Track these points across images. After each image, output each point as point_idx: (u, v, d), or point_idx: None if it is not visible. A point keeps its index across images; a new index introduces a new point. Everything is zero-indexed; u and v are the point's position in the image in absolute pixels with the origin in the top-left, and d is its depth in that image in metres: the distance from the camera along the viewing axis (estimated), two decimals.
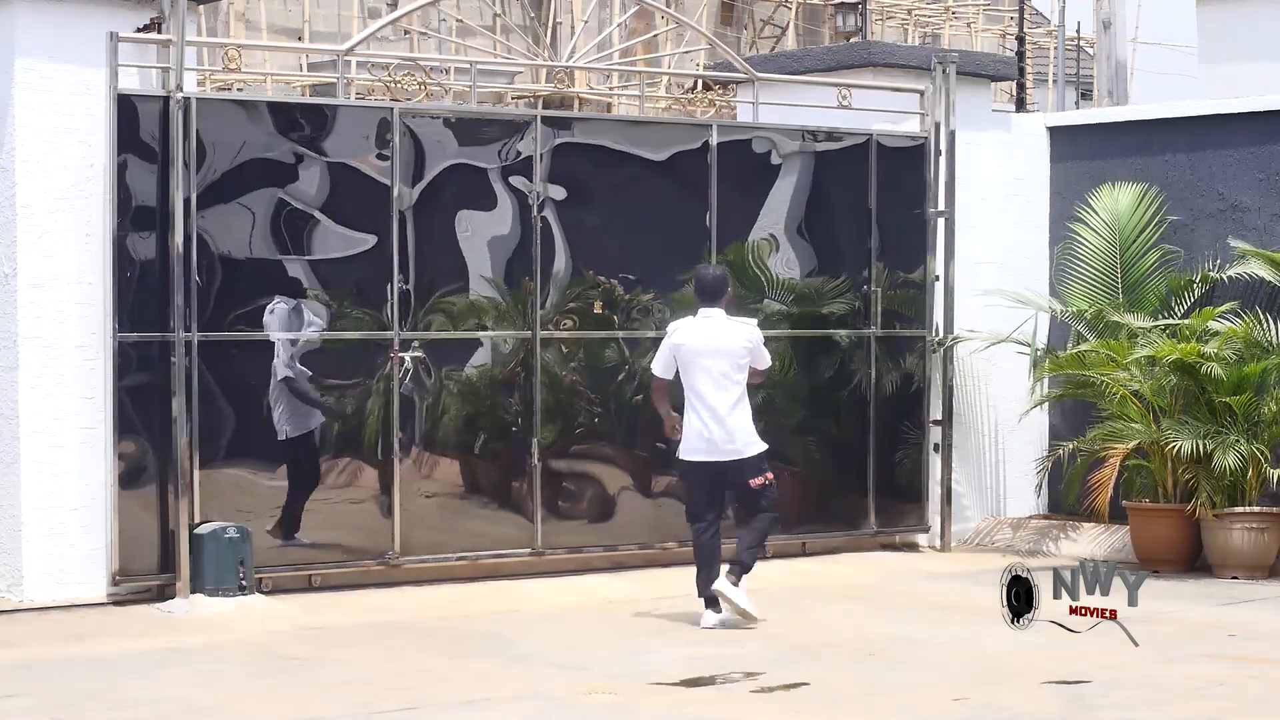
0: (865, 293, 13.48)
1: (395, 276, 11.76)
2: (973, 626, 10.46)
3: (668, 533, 12.59)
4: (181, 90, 11.16)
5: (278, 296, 11.60)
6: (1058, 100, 31.66)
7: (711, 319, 10.78)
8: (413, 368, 11.84)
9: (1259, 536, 12.45)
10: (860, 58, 14.13)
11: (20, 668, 9.38)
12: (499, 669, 9.46)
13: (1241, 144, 13.61)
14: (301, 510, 11.68)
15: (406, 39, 26.71)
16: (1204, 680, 9.10)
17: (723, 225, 12.94)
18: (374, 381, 11.77)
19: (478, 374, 12.27)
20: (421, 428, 12.00)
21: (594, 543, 12.59)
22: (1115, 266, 13.69)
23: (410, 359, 11.81)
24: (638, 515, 12.74)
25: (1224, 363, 12.55)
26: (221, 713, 8.48)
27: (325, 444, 11.75)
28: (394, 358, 11.75)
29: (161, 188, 11.10)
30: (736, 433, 10.66)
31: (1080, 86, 35.39)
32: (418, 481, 11.96)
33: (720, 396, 10.65)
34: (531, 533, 12.26)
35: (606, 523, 12.70)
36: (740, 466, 10.67)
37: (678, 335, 10.82)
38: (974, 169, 14.08)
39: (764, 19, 33.83)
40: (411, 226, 11.86)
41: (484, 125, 12.40)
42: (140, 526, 11.07)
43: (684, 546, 12.35)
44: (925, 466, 13.81)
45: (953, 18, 35.52)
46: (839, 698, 8.77)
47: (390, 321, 11.76)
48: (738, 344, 10.73)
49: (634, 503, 12.76)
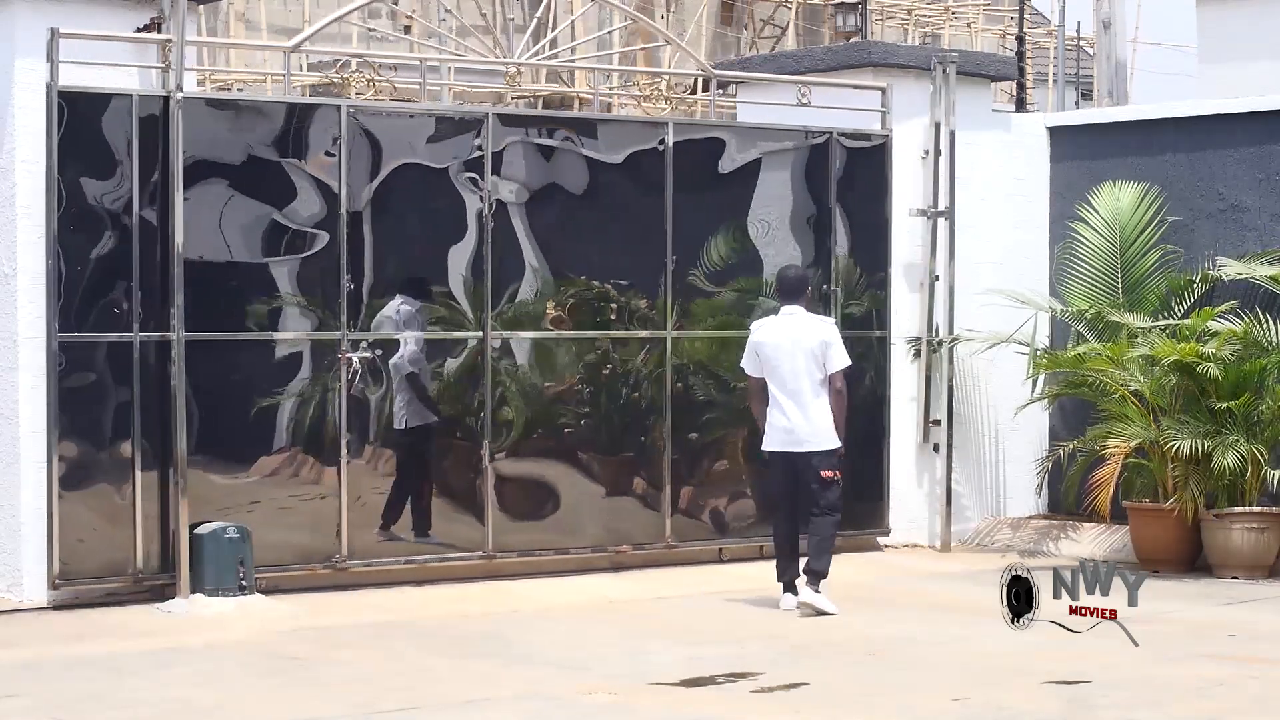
0: (826, 292, 13.31)
1: (344, 276, 11.60)
2: (973, 626, 10.46)
3: (624, 536, 12.57)
4: (181, 90, 11.16)
5: (400, 296, 11.79)
6: (1058, 100, 31.63)
7: (792, 315, 11.21)
8: (361, 368, 11.67)
9: (1259, 536, 12.45)
10: (860, 58, 14.12)
11: (20, 668, 9.38)
12: (499, 669, 9.46)
13: (1241, 144, 13.61)
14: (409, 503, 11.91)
15: (406, 39, 26.69)
16: (1204, 680, 9.10)
17: (680, 225, 12.76)
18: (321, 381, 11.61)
19: (430, 375, 12.08)
20: (372, 428, 11.85)
21: (547, 545, 12.39)
22: (1115, 266, 13.69)
23: (359, 359, 11.65)
24: (593, 517, 12.57)
25: (1222, 363, 12.55)
26: (221, 713, 8.48)
27: (278, 444, 11.56)
28: (342, 358, 11.60)
29: (109, 186, 11.00)
30: (815, 424, 11.04)
31: (1080, 86, 35.36)
32: (367, 483, 11.79)
33: (802, 389, 11.05)
34: (483, 535, 12.08)
35: (560, 525, 12.51)
36: (814, 458, 11.03)
37: (759, 333, 11.31)
38: (974, 169, 14.08)
39: (764, 19, 33.80)
40: (361, 226, 11.70)
41: (436, 123, 12.21)
42: (84, 529, 10.95)
43: (639, 550, 12.61)
44: (886, 468, 13.65)
45: (953, 18, 35.49)
46: (839, 698, 8.77)
47: (338, 321, 11.59)
48: (815, 340, 11.07)
49: (589, 505, 12.58)
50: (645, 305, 12.75)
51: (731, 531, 13.06)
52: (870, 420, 13.53)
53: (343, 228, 11.60)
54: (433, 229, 12.16)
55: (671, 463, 12.77)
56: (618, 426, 12.70)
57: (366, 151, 11.81)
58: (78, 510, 10.96)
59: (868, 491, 13.54)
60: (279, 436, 11.59)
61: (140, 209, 11.07)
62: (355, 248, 11.69)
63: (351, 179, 11.67)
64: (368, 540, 11.73)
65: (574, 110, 13.14)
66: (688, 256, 12.86)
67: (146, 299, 11.09)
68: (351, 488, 11.67)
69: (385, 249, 11.90)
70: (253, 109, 11.90)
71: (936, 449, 13.89)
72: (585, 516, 12.57)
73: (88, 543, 10.97)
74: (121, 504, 11.04)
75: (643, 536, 12.71)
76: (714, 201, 13.12)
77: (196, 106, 11.36)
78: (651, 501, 12.79)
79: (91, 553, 10.98)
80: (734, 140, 13.22)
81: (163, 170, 11.12)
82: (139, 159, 11.06)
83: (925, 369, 13.90)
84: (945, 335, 13.84)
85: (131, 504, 11.04)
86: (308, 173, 11.63)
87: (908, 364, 13.91)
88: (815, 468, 11.06)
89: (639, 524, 12.73)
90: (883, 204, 13.65)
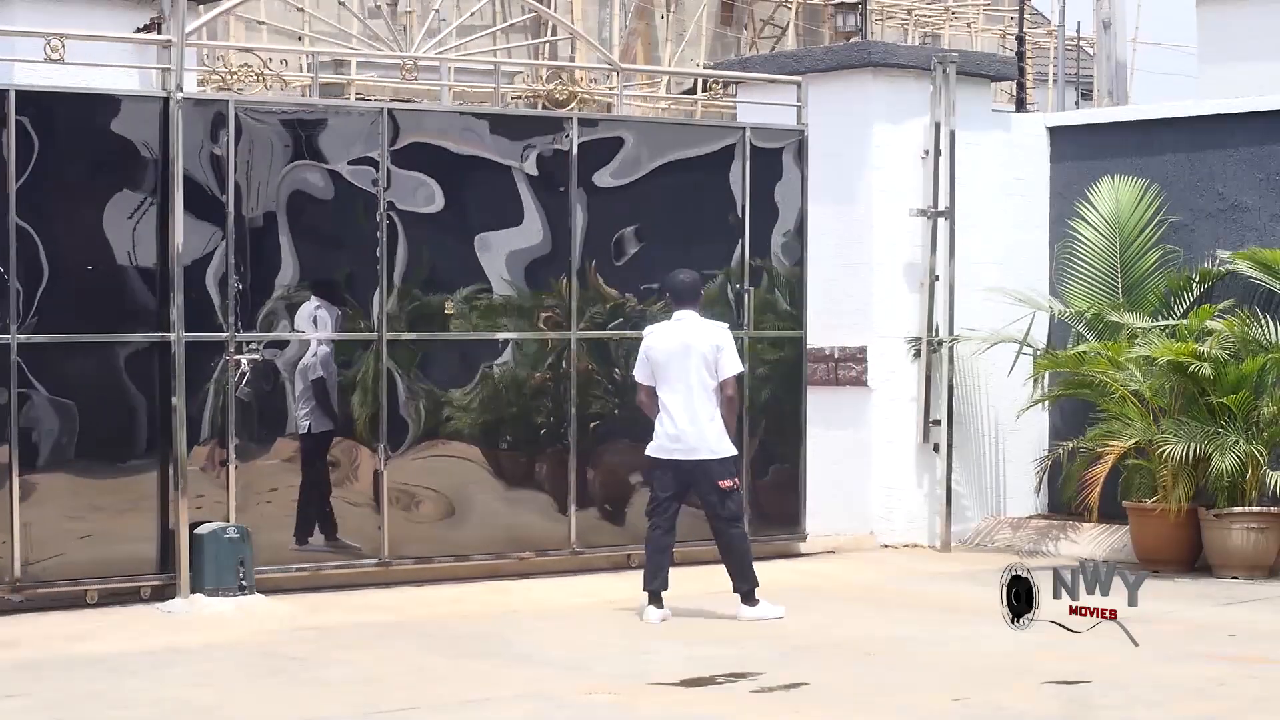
0: (737, 292, 13.00)
1: (232, 278, 11.31)
2: (973, 626, 10.46)
3: (527, 542, 12.32)
4: (181, 90, 11.14)
5: (314, 297, 11.57)
6: (1058, 100, 31.63)
7: (683, 320, 10.90)
8: (249, 371, 11.37)
9: (1259, 536, 12.45)
10: (860, 58, 14.12)
11: (20, 668, 9.38)
12: (499, 669, 9.45)
13: (1241, 144, 13.61)
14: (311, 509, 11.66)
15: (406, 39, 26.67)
16: (1204, 680, 9.10)
17: (586, 223, 12.46)
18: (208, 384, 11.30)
19: (334, 378, 11.77)
20: (260, 432, 11.52)
21: (446, 552, 12.07)
22: (1115, 266, 13.70)
23: (247, 362, 11.36)
24: (491, 523, 12.25)
25: (1218, 362, 12.55)
26: (221, 713, 8.48)
27: (163, 447, 11.15)
28: (230, 360, 11.31)
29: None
30: (707, 432, 10.74)
31: (1080, 86, 35.35)
32: (258, 489, 11.50)
33: (693, 395, 10.74)
34: (379, 542, 11.82)
35: (460, 531, 12.19)
36: (709, 467, 10.74)
37: (650, 339, 10.99)
38: (974, 169, 14.09)
39: (764, 19, 33.82)
40: (251, 224, 11.38)
41: (333, 119, 11.86)
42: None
43: (543, 556, 12.33)
44: (802, 471, 13.31)
45: (953, 18, 35.50)
46: (839, 698, 8.77)
47: (225, 323, 11.29)
48: (706, 344, 10.77)
49: (490, 510, 12.27)
50: (549, 306, 12.41)
51: (641, 537, 12.47)
52: (786, 424, 13.26)
53: (231, 228, 11.28)
54: (329, 229, 11.82)
55: (577, 467, 12.44)
56: (521, 430, 12.39)
57: (256, 149, 11.44)
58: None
59: (785, 496, 13.27)
60: (164, 439, 11.14)
61: (16, 211, 10.67)
62: (243, 248, 11.31)
63: (241, 178, 11.31)
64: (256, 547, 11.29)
65: (491, 107, 12.56)
66: (594, 256, 12.53)
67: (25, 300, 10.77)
68: (241, 493, 11.34)
69: (276, 250, 11.52)
70: (134, 102, 11.27)
71: (936, 449, 13.90)
72: (486, 522, 12.24)
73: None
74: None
75: (547, 543, 12.40)
76: (622, 199, 12.73)
77: (83, 101, 10.99)
78: (556, 507, 12.44)
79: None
80: (643, 136, 12.92)
81: (163, 170, 11.10)
82: (15, 158, 10.68)
83: (925, 369, 13.90)
84: (945, 335, 13.84)
85: (8, 508, 10.70)
86: (198, 170, 11.22)
87: (908, 364, 13.92)
88: (711, 477, 10.73)
89: (543, 530, 12.41)
90: (799, 201, 13.31)
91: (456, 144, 12.21)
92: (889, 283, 13.94)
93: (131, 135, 11.11)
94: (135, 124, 11.11)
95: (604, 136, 12.72)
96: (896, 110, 13.93)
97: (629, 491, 12.69)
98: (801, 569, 12.89)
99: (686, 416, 10.75)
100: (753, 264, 13.10)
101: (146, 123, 11.10)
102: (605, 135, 12.74)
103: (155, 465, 11.16)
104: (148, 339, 11.13)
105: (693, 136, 13.34)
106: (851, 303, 13.97)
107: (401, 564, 11.89)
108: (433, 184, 12.07)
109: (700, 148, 13.17)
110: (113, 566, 11.04)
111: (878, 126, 13.89)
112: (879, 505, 13.90)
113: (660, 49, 31.19)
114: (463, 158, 12.21)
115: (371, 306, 11.79)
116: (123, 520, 11.11)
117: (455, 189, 12.18)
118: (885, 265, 13.94)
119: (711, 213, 13.08)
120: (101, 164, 11.10)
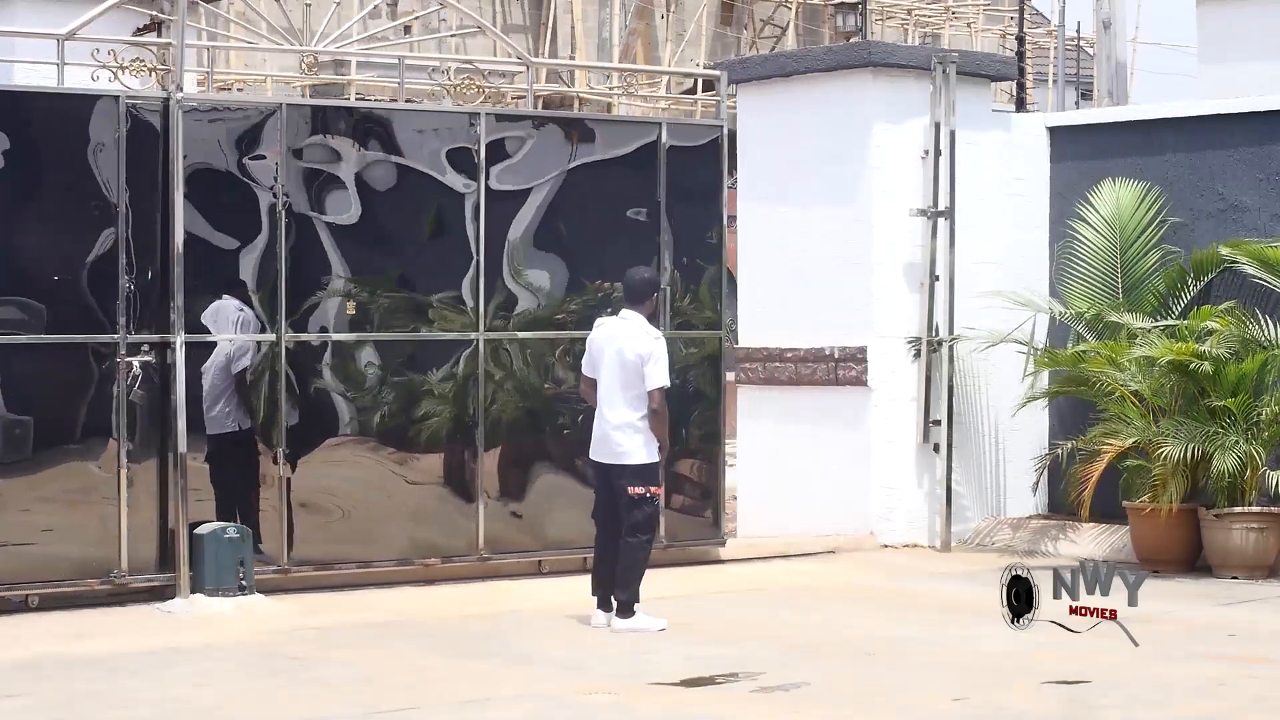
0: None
1: (123, 278, 11.02)
2: (973, 626, 10.46)
3: (433, 548, 12.01)
4: (181, 90, 11.14)
5: (225, 296, 11.37)
6: (1058, 100, 31.64)
7: (626, 321, 10.64)
8: (142, 373, 11.10)
9: (1259, 536, 12.45)
10: (860, 58, 14.11)
11: (20, 668, 9.38)
12: (498, 669, 9.45)
13: (1241, 144, 13.61)
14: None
15: (407, 40, 26.69)
16: (1204, 680, 9.10)
17: (494, 222, 12.14)
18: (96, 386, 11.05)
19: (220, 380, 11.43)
20: (154, 435, 11.19)
21: (348, 557, 11.76)
22: (1115, 266, 13.70)
23: (139, 364, 11.09)
24: (399, 528, 11.95)
25: (1217, 361, 12.55)
26: (221, 713, 8.48)
27: (46, 452, 10.97)
28: (121, 362, 11.02)
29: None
30: (620, 437, 10.48)
31: (1080, 86, 35.37)
32: (149, 493, 11.15)
33: (615, 397, 10.52)
34: (279, 548, 11.53)
35: (363, 536, 11.85)
36: (623, 471, 10.50)
37: (594, 332, 10.80)
38: (974, 169, 14.08)
39: (764, 19, 33.84)
40: (145, 224, 11.07)
41: (225, 116, 11.52)
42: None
43: (448, 563, 11.98)
44: (721, 473, 13.03)
45: (953, 18, 35.53)
46: (839, 698, 8.77)
47: (117, 325, 11.02)
48: (633, 352, 10.49)
49: (395, 515, 11.96)
50: (455, 306, 12.10)
51: (553, 544, 12.41)
52: (704, 426, 12.98)
53: (122, 226, 10.99)
54: (227, 228, 11.46)
55: (484, 471, 12.11)
56: (427, 432, 12.04)
57: (149, 146, 11.13)
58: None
59: (704, 501, 13.03)
60: (52, 443, 11.00)
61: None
62: (129, 248, 11.02)
63: (132, 176, 11.01)
64: (147, 555, 11.15)
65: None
66: (502, 255, 12.20)
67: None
68: (134, 498, 11.04)
69: (167, 248, 11.17)
70: (31, 97, 11.15)
71: (936, 449, 13.89)
72: (391, 527, 11.92)
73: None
74: None
75: (454, 549, 12.08)
76: (533, 197, 12.38)
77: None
78: (463, 512, 12.11)
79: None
80: (557, 133, 12.60)
81: (163, 170, 11.11)
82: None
83: (925, 369, 13.90)
84: (945, 335, 13.84)
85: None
86: (92, 168, 11.00)
87: (908, 364, 13.92)
88: (622, 482, 10.46)
89: (450, 535, 12.09)
90: (717, 200, 13.01)
91: (362, 141, 11.86)
92: (889, 283, 13.94)
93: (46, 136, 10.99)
94: (51, 123, 10.98)
95: (515, 134, 12.40)
96: (896, 110, 13.93)
97: (538, 496, 12.40)
98: (801, 569, 12.89)
99: (605, 418, 10.54)
100: (670, 263, 12.78)
101: (67, 121, 10.96)
102: (516, 132, 12.43)
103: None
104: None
105: (611, 133, 12.98)
106: (851, 303, 13.96)
107: (300, 570, 11.60)
108: (335, 183, 11.76)
109: (618, 144, 12.80)
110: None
111: (878, 126, 13.88)
112: (879, 505, 13.90)
113: (660, 49, 31.20)
114: (365, 155, 11.86)
115: (271, 308, 11.48)
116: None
117: (360, 187, 11.82)
118: (885, 265, 13.94)
119: (629, 210, 12.73)
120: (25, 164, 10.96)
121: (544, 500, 12.44)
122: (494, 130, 12.25)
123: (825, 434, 13.94)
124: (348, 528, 11.85)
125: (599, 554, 10.70)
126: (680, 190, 12.85)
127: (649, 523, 10.59)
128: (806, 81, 14.23)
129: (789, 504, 14.14)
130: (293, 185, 11.58)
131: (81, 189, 11.02)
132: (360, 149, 11.85)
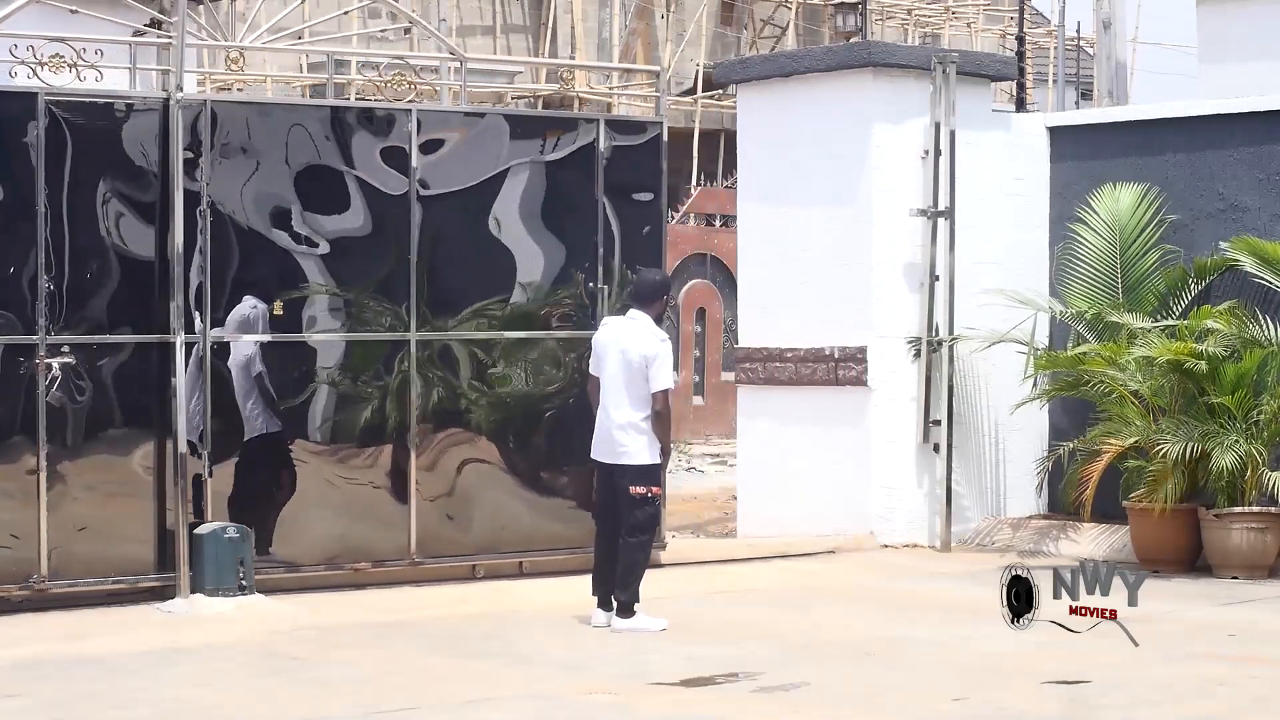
0: (593, 290, 12.46)
1: (42, 278, 10.81)
2: (973, 626, 10.46)
3: (363, 551, 11.77)
4: (182, 90, 11.13)
5: (248, 297, 11.35)
6: (1058, 100, 31.64)
7: (633, 321, 10.65)
8: (61, 375, 10.88)
9: (1259, 536, 12.45)
10: (860, 58, 14.12)
11: (20, 668, 9.38)
12: (499, 669, 9.46)
13: (1241, 144, 13.61)
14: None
15: (407, 39, 26.71)
16: (1204, 680, 9.11)
17: (427, 220, 11.93)
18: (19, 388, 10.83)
19: (138, 382, 11.18)
20: (71, 439, 10.94)
21: (274, 561, 11.47)
22: (1115, 267, 13.70)
23: (59, 365, 10.87)
24: (326, 531, 11.70)
25: (1215, 359, 12.55)
26: (221, 713, 8.49)
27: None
28: (39, 364, 10.81)
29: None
30: (622, 437, 10.49)
31: (1080, 86, 35.38)
32: (70, 498, 10.95)
33: (617, 397, 10.52)
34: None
35: (289, 540, 11.58)
36: (622, 471, 10.52)
37: (599, 332, 10.87)
38: (974, 169, 14.09)
39: (764, 19, 33.86)
40: (64, 221, 10.87)
41: (141, 112, 11.18)
42: None
43: (379, 567, 11.80)
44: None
45: (953, 18, 35.55)
46: (839, 698, 8.77)
47: (35, 325, 10.80)
48: (637, 352, 10.50)
49: (323, 517, 11.72)
50: (387, 305, 11.88)
51: (486, 548, 12.23)
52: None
53: (41, 225, 10.79)
54: (143, 225, 11.20)
55: (417, 473, 11.87)
56: (358, 433, 11.81)
57: (64, 144, 10.91)
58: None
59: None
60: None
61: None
62: (51, 246, 10.83)
63: (51, 173, 10.82)
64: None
65: (329, 100, 12.12)
66: (435, 253, 12.00)
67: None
68: (53, 502, 10.82)
69: (86, 246, 10.99)
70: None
71: (936, 449, 13.89)
72: (319, 530, 11.68)
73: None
74: None
75: (384, 552, 11.84)
76: (466, 194, 12.19)
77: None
78: (394, 514, 11.85)
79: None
80: (490, 129, 12.36)
81: (163, 171, 11.11)
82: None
83: (925, 369, 13.91)
84: (945, 335, 13.84)
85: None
86: (7, 165, 10.82)
87: (908, 364, 13.92)
88: (625, 485, 10.47)
89: (380, 538, 11.86)
90: (657, 196, 12.81)
91: (291, 139, 11.65)
92: (889, 283, 13.94)
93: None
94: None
95: (449, 132, 12.21)
96: (896, 110, 13.93)
97: (471, 498, 12.19)
98: (801, 569, 12.89)
99: (607, 418, 10.56)
100: (609, 261, 12.56)
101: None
102: (450, 130, 12.24)
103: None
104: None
105: (550, 129, 12.74)
106: (851, 303, 13.97)
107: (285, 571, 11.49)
108: (256, 181, 11.51)
109: (557, 140, 12.57)
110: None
111: (878, 126, 13.88)
112: (879, 505, 13.90)
113: (660, 49, 31.22)
114: (290, 151, 11.63)
115: (194, 307, 11.23)
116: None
117: (281, 185, 11.59)
118: (885, 265, 13.94)
119: (567, 208, 12.53)
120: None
121: (481, 503, 12.19)
122: (426, 128, 12.01)
123: (825, 434, 13.95)
124: (276, 531, 11.57)
125: (600, 553, 10.71)
126: (619, 187, 12.67)
127: (650, 523, 10.62)
128: (806, 81, 14.23)
129: (789, 504, 14.15)
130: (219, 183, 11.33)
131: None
132: (288, 146, 11.64)
